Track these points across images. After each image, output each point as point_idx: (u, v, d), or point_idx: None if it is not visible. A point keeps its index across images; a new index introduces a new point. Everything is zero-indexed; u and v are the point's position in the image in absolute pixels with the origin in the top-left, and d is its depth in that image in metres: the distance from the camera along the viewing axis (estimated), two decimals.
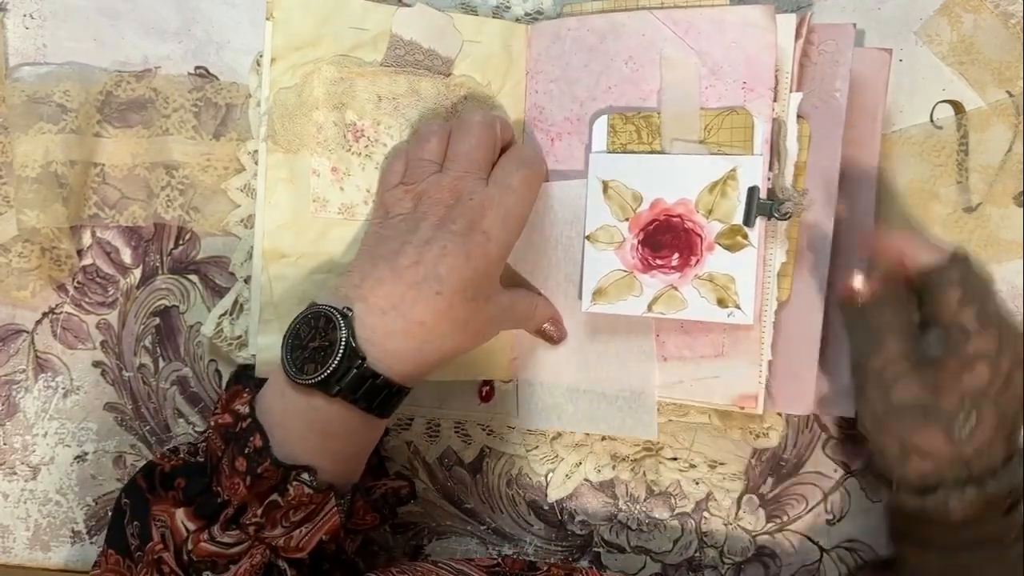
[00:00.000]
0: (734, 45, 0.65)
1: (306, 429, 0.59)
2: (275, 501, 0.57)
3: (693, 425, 0.73)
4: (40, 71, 0.72)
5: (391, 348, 0.58)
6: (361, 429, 0.61)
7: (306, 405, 0.59)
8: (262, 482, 0.57)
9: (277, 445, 0.58)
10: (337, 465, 0.60)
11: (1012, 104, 0.72)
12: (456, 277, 0.59)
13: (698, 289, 0.66)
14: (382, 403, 0.59)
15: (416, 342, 0.59)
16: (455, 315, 0.59)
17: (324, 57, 0.68)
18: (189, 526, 0.58)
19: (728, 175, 0.65)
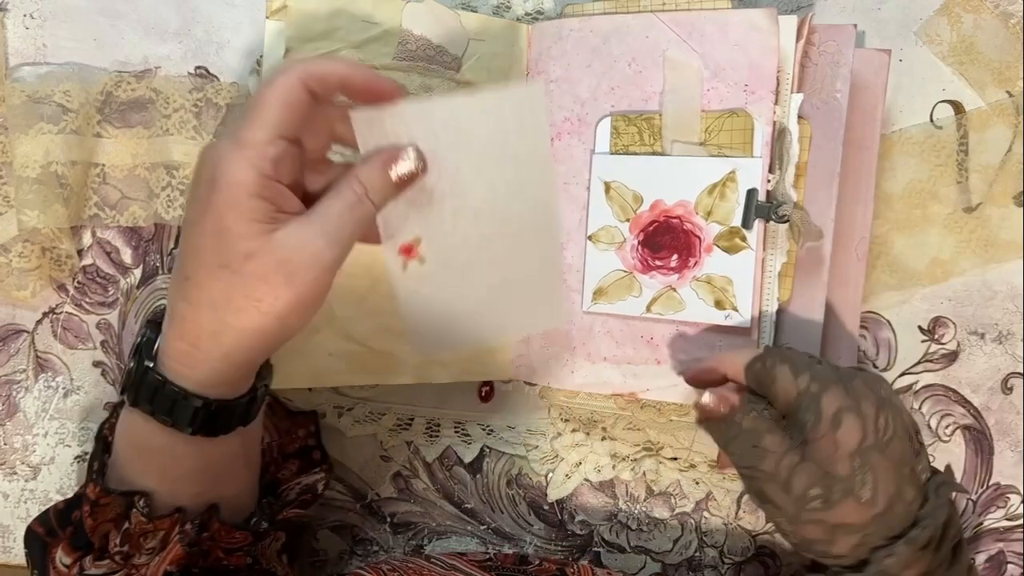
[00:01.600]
0: (736, 47, 0.66)
1: (127, 446, 0.56)
2: (127, 529, 0.54)
3: (693, 425, 0.73)
4: (40, 71, 0.72)
5: (172, 353, 0.52)
6: (179, 447, 0.54)
7: (125, 421, 0.56)
8: (105, 510, 0.55)
9: (115, 468, 0.56)
10: (175, 487, 0.55)
11: (1012, 104, 0.72)
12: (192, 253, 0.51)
13: (696, 291, 0.66)
14: (186, 416, 0.53)
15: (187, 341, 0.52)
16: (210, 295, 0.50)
17: (337, 50, 0.68)
18: (66, 560, 0.56)
19: (727, 177, 0.65)
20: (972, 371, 0.73)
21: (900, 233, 0.73)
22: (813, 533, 0.56)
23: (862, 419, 0.55)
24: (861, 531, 0.55)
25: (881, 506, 0.54)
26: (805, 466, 0.55)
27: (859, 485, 0.54)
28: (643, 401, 0.71)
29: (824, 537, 0.55)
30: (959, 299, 0.73)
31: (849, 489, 0.54)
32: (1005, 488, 0.73)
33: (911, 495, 0.55)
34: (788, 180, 0.65)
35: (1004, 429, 0.73)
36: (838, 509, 0.54)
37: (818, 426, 0.55)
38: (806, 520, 0.55)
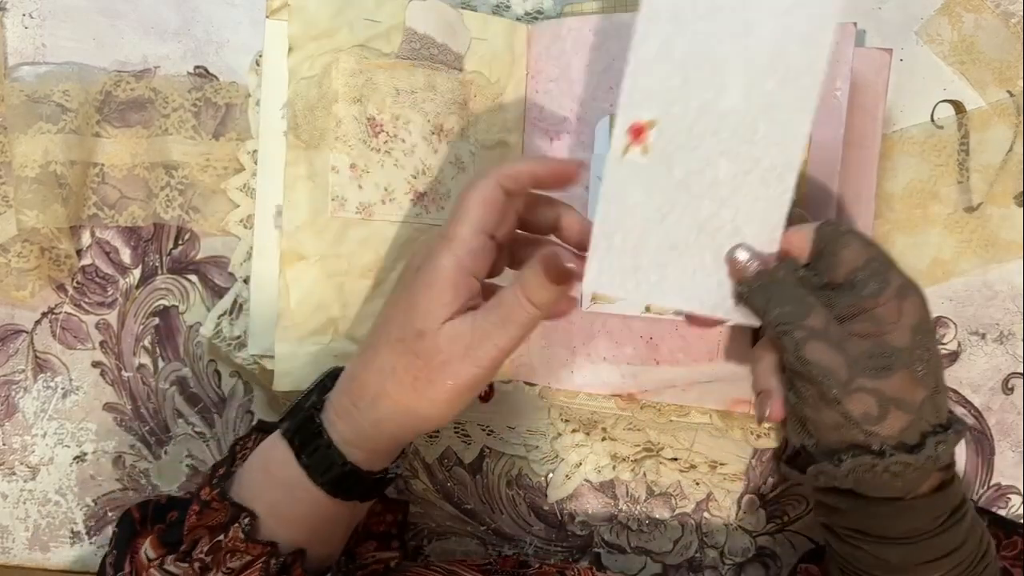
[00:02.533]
0: None
1: (256, 468, 0.59)
2: (220, 541, 0.56)
3: (694, 425, 0.73)
4: (39, 71, 0.72)
5: (335, 406, 0.57)
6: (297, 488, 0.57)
7: (269, 444, 0.59)
8: (211, 514, 0.57)
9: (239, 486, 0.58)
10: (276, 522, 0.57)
11: (1013, 104, 0.72)
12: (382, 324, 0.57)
13: None
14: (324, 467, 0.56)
15: (350, 398, 0.57)
16: (382, 362, 0.55)
17: (341, 47, 0.68)
18: (151, 554, 0.58)
19: None
20: (973, 371, 0.73)
21: (901, 233, 0.73)
22: (865, 404, 0.52)
23: (922, 298, 0.54)
24: (914, 410, 0.53)
25: (931, 388, 0.53)
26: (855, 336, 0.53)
27: (917, 360, 0.53)
28: (643, 401, 0.71)
29: (876, 411, 0.52)
30: (960, 299, 0.73)
31: (908, 362, 0.52)
32: (1006, 488, 0.73)
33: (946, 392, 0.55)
34: None
35: (1005, 429, 0.73)
36: (893, 379, 0.52)
37: (885, 291, 0.53)
38: (859, 387, 0.52)
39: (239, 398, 0.76)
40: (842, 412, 0.53)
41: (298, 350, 0.68)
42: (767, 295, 0.54)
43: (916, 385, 0.53)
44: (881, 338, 0.53)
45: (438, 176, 0.70)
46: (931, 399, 0.53)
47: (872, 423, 0.52)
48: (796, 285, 0.54)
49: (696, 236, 0.55)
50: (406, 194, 0.70)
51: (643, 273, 0.55)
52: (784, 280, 0.54)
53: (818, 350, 0.52)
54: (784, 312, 0.53)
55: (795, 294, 0.53)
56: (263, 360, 0.70)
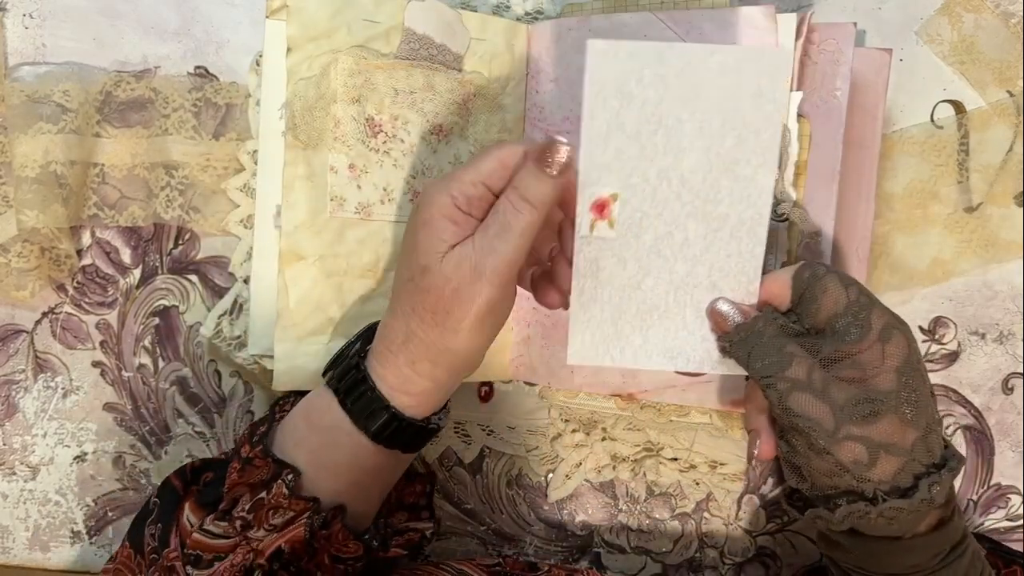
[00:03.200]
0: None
1: (300, 420, 0.60)
2: (262, 499, 0.56)
3: (694, 425, 0.73)
4: (39, 71, 0.72)
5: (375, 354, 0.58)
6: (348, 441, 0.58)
7: (311, 396, 0.60)
8: (252, 471, 0.57)
9: (280, 442, 0.59)
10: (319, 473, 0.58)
11: (1012, 104, 0.72)
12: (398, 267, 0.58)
13: None
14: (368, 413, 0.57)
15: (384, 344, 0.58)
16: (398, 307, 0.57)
17: (339, 48, 0.68)
18: (192, 520, 0.59)
19: None
20: (973, 371, 0.73)
21: (901, 233, 0.73)
22: (854, 452, 0.52)
23: (907, 338, 0.54)
24: (905, 453, 0.52)
25: (922, 429, 0.53)
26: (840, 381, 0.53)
27: (904, 402, 0.52)
28: (643, 401, 0.71)
29: (865, 458, 0.52)
30: (960, 299, 0.73)
31: (895, 405, 0.52)
32: (1006, 488, 0.73)
33: (939, 430, 0.54)
34: (787, 179, 0.65)
35: (1005, 429, 0.73)
36: (881, 424, 0.52)
37: (867, 336, 0.53)
38: (847, 436, 0.52)
39: (239, 398, 0.76)
40: (832, 460, 0.53)
41: (297, 350, 0.68)
42: (748, 348, 0.55)
43: (906, 428, 0.52)
44: (866, 383, 0.53)
45: (437, 176, 0.71)
46: (923, 440, 0.53)
47: (863, 469, 0.52)
48: (777, 335, 0.54)
49: (674, 296, 0.57)
50: (405, 194, 0.70)
51: (626, 339, 0.57)
52: (763, 331, 0.55)
53: (802, 401, 0.52)
54: (765, 365, 0.54)
55: (775, 345, 0.54)
56: (263, 360, 0.70)
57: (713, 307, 0.56)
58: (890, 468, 0.52)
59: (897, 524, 0.53)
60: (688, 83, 0.53)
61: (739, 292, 0.56)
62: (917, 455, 0.53)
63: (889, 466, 0.52)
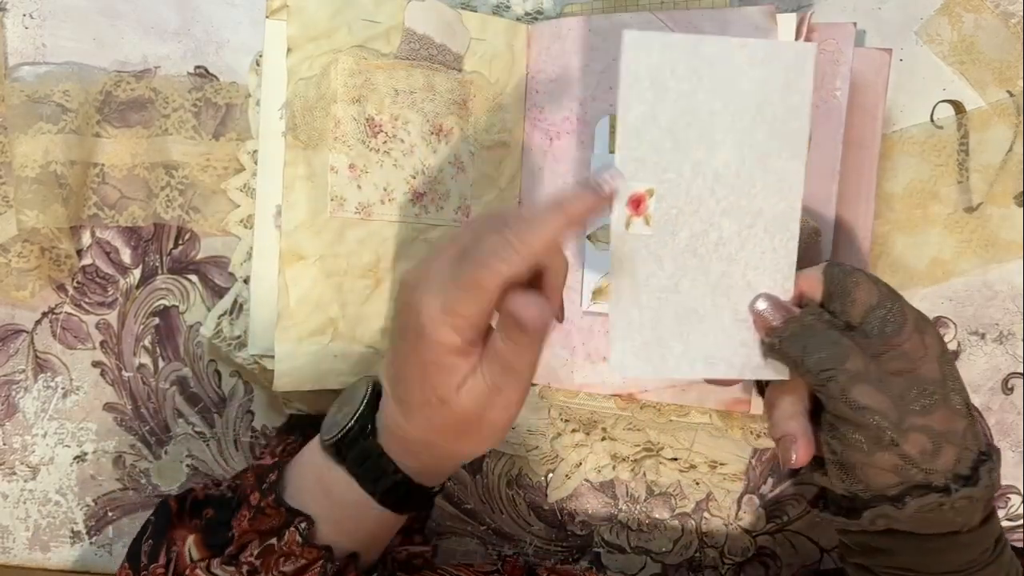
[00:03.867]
0: None
1: (315, 485, 0.59)
2: (272, 545, 0.56)
3: (694, 425, 0.73)
4: (39, 71, 0.72)
5: (397, 432, 0.56)
6: (366, 511, 0.58)
7: (321, 463, 0.59)
8: (264, 519, 0.57)
9: (290, 494, 0.59)
10: (338, 534, 0.58)
11: (1012, 104, 0.72)
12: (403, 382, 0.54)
13: None
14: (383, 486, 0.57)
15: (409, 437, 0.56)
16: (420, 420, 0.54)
17: (340, 48, 0.68)
18: (195, 554, 0.58)
19: None
20: (972, 371, 0.73)
21: (901, 233, 0.73)
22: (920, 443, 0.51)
23: (935, 328, 0.53)
24: (959, 441, 0.51)
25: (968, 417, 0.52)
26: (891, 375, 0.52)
27: (951, 391, 0.52)
28: (643, 401, 0.71)
29: (930, 448, 0.51)
30: (959, 299, 0.73)
31: (944, 394, 0.51)
32: (1006, 488, 0.73)
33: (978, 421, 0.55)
34: None
35: (1005, 429, 0.73)
36: (938, 414, 0.51)
37: (905, 327, 0.52)
38: (909, 427, 0.51)
39: (239, 398, 0.76)
40: (899, 453, 0.51)
41: (297, 350, 0.68)
42: (802, 342, 0.53)
43: (956, 416, 0.52)
44: (915, 373, 0.52)
45: (437, 176, 0.71)
46: (971, 428, 0.52)
47: (929, 461, 0.51)
48: (828, 328, 0.53)
49: (712, 299, 0.55)
50: (405, 194, 0.70)
51: (667, 347, 0.55)
52: (814, 325, 0.53)
53: (866, 393, 0.51)
54: (823, 358, 0.52)
55: (829, 337, 0.52)
56: (263, 360, 0.70)
57: (755, 307, 0.55)
58: (951, 457, 0.51)
59: (963, 516, 0.52)
60: (721, 76, 0.53)
61: (775, 290, 0.55)
62: (968, 442, 0.52)
63: (951, 455, 0.51)
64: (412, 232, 0.70)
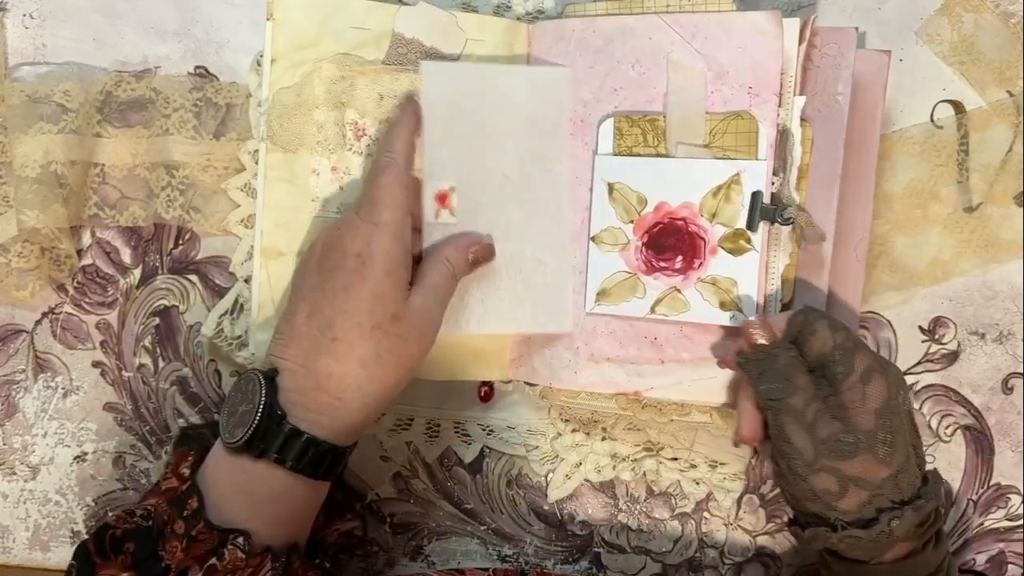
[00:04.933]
0: (740, 50, 0.66)
1: (235, 491, 0.59)
2: (213, 565, 0.57)
3: (694, 425, 0.73)
4: (40, 71, 0.72)
5: (311, 405, 0.58)
6: (294, 492, 0.60)
7: (236, 468, 0.59)
8: (198, 545, 0.57)
9: (212, 508, 0.58)
10: (272, 528, 0.59)
11: (1012, 104, 0.72)
12: (343, 315, 0.58)
13: (701, 292, 0.67)
14: (312, 463, 0.59)
15: (331, 395, 0.58)
16: (361, 354, 0.58)
17: (324, 56, 0.68)
18: None
19: (732, 179, 0.65)
20: (972, 371, 0.73)
21: (900, 233, 0.73)
22: (826, 482, 0.57)
23: (887, 380, 0.58)
24: (873, 488, 0.57)
25: (894, 468, 0.57)
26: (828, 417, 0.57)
27: (879, 442, 0.57)
28: (644, 401, 0.71)
29: (836, 488, 0.57)
30: (959, 299, 0.73)
31: (870, 444, 0.56)
32: (1005, 488, 0.74)
33: (915, 469, 0.58)
34: (791, 182, 0.65)
35: (1004, 429, 0.73)
36: (855, 461, 0.57)
37: (849, 377, 0.58)
38: (821, 467, 0.57)
39: None
40: (807, 487, 0.58)
41: None
42: (760, 368, 0.60)
43: (878, 465, 0.57)
44: (848, 421, 0.57)
45: None
46: (893, 478, 0.57)
47: (832, 499, 0.58)
48: (789, 364, 0.59)
49: (506, 271, 0.68)
50: None
51: (471, 310, 0.68)
52: (778, 357, 0.60)
53: (794, 430, 0.58)
54: (771, 388, 0.59)
55: (783, 373, 0.59)
56: None
57: (746, 321, 0.62)
58: (856, 500, 0.57)
59: (860, 551, 0.58)
60: (499, 91, 0.68)
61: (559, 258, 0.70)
62: (885, 490, 0.57)
63: (856, 498, 0.57)
64: None
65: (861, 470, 0.57)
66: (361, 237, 0.59)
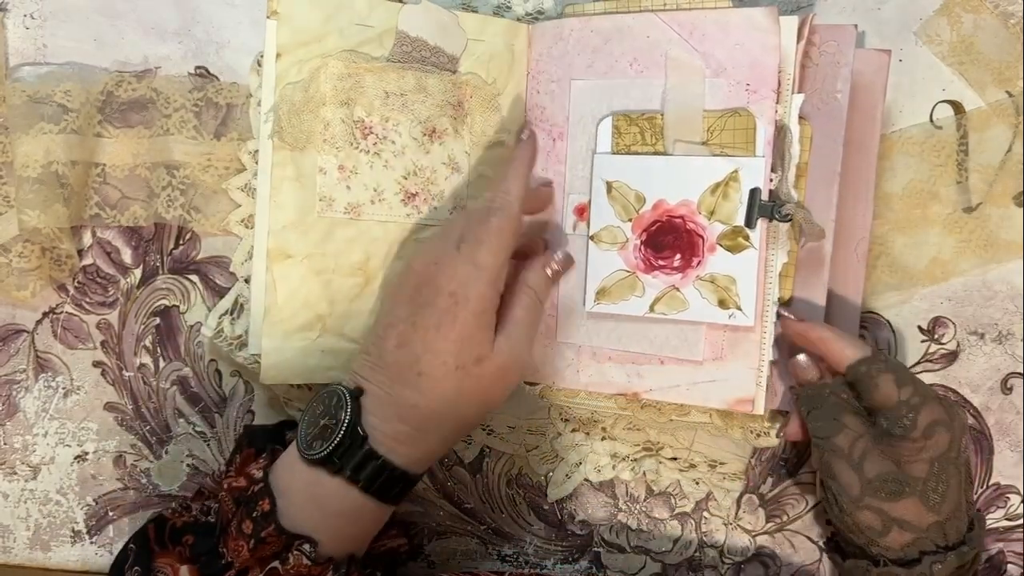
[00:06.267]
0: (738, 47, 0.66)
1: (306, 501, 0.59)
2: (275, 568, 0.58)
3: (693, 425, 0.73)
4: (40, 71, 0.72)
5: (391, 432, 0.59)
6: (364, 511, 0.60)
7: (311, 479, 0.59)
8: (265, 547, 0.58)
9: (283, 513, 0.59)
10: (336, 541, 0.59)
11: (1012, 104, 0.72)
12: (431, 354, 0.59)
13: (699, 290, 0.67)
14: (384, 486, 0.59)
15: (412, 425, 0.59)
16: (443, 391, 0.59)
17: (330, 52, 0.68)
18: None
19: (730, 176, 0.65)
20: (972, 371, 0.73)
21: (900, 233, 0.73)
22: (870, 520, 0.60)
23: (952, 434, 0.60)
24: (918, 532, 0.59)
25: (944, 515, 0.59)
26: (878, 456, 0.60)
27: (931, 490, 0.59)
28: (644, 401, 0.71)
29: (879, 527, 0.60)
30: (959, 299, 0.73)
31: (921, 491, 0.59)
32: (1005, 488, 0.74)
33: (964, 516, 0.60)
34: (790, 180, 0.65)
35: (1004, 429, 0.73)
36: (902, 504, 0.59)
37: (911, 433, 0.60)
38: (867, 505, 0.60)
39: (240, 397, 0.76)
40: (851, 520, 0.61)
41: (285, 345, 0.68)
42: (810, 406, 0.64)
43: (927, 511, 0.59)
44: (901, 465, 0.59)
45: (430, 177, 0.71)
46: (940, 525, 0.59)
47: (875, 535, 0.60)
48: (837, 404, 0.63)
49: None
50: (396, 194, 0.70)
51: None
52: (827, 398, 0.63)
53: (838, 467, 0.61)
54: (819, 426, 0.63)
55: (832, 413, 0.63)
56: None
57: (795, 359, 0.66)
58: (900, 540, 0.60)
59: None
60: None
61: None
62: (931, 535, 0.59)
63: (900, 538, 0.60)
64: (403, 232, 0.71)
65: (907, 513, 0.59)
66: (459, 278, 0.59)
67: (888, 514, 0.59)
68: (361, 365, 0.61)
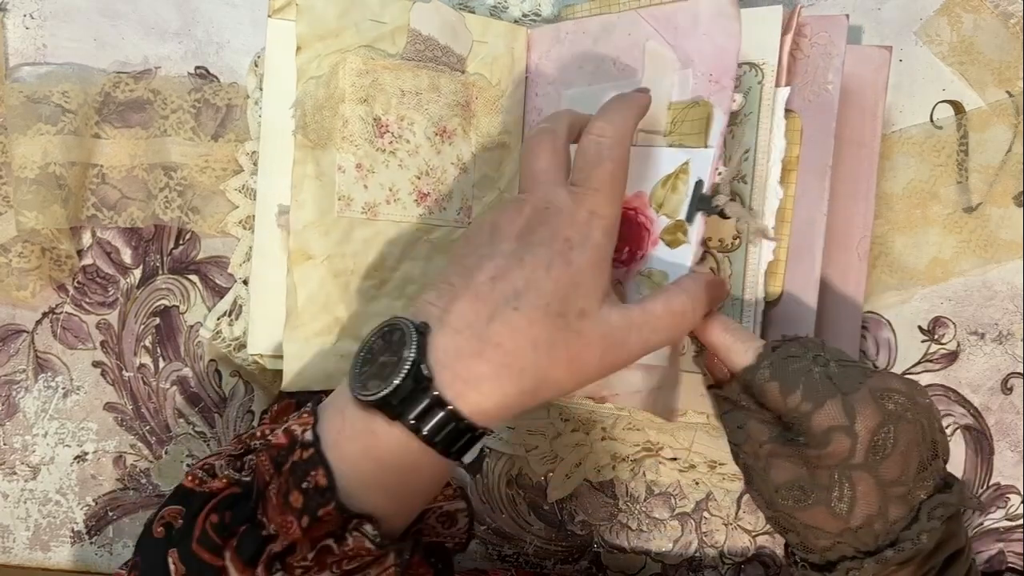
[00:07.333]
0: (705, 37, 0.63)
1: (361, 456, 0.51)
2: (329, 546, 0.50)
3: (693, 425, 0.73)
4: (39, 71, 0.72)
5: (464, 373, 0.50)
6: (421, 467, 0.52)
7: (364, 426, 0.51)
8: (320, 526, 0.50)
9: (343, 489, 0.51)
10: (393, 504, 0.52)
11: (1012, 104, 0.72)
12: (536, 292, 0.51)
13: (638, 285, 0.64)
14: (448, 437, 0.50)
15: (493, 366, 0.50)
16: (537, 334, 0.50)
17: (348, 47, 0.68)
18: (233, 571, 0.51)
19: (680, 168, 0.62)
20: (972, 371, 0.73)
21: (900, 233, 0.73)
22: (786, 523, 0.57)
23: (853, 438, 0.53)
24: (832, 538, 0.55)
25: (857, 522, 0.54)
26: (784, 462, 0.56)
27: (835, 499, 0.54)
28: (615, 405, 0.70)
29: (795, 531, 0.57)
30: (959, 299, 0.73)
31: (825, 499, 0.54)
32: (1005, 488, 0.73)
33: (896, 515, 0.54)
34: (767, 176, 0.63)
35: (1004, 429, 0.73)
36: (811, 512, 0.55)
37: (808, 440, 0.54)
38: (778, 510, 0.56)
39: (240, 398, 0.76)
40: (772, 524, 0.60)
41: (304, 350, 0.68)
42: (721, 409, 0.61)
43: (835, 519, 0.54)
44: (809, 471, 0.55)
45: (441, 177, 0.71)
46: (853, 532, 0.54)
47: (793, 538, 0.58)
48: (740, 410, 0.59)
49: None
50: (410, 194, 0.70)
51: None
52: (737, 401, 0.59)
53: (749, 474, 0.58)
54: (729, 432, 0.59)
55: (736, 419, 0.59)
56: (263, 360, 0.70)
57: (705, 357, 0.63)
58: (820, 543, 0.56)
59: None
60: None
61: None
62: (846, 540, 0.55)
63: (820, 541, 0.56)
64: (416, 232, 0.70)
65: (817, 520, 0.55)
66: (578, 225, 0.53)
67: (800, 520, 0.55)
68: (438, 295, 0.52)
